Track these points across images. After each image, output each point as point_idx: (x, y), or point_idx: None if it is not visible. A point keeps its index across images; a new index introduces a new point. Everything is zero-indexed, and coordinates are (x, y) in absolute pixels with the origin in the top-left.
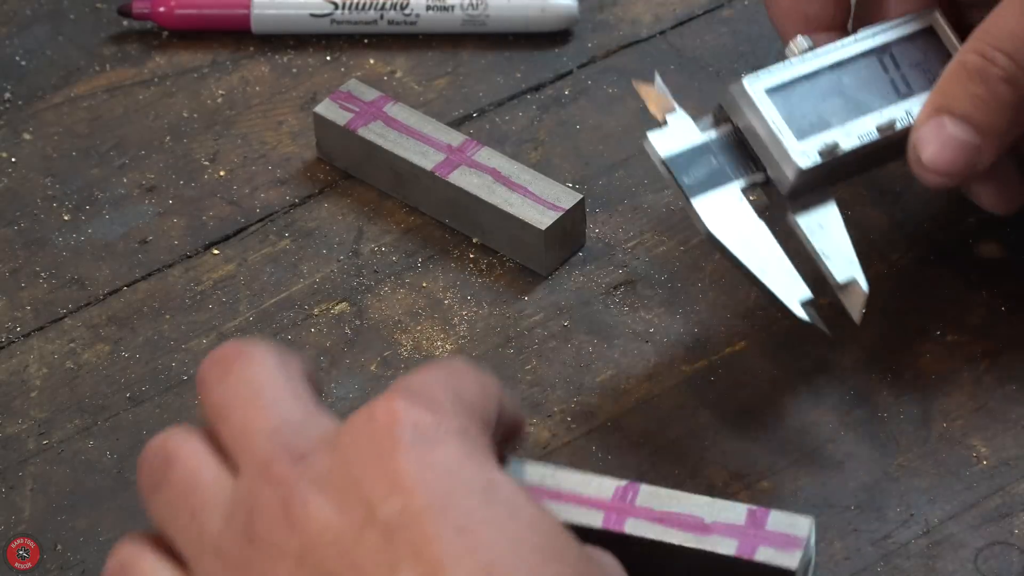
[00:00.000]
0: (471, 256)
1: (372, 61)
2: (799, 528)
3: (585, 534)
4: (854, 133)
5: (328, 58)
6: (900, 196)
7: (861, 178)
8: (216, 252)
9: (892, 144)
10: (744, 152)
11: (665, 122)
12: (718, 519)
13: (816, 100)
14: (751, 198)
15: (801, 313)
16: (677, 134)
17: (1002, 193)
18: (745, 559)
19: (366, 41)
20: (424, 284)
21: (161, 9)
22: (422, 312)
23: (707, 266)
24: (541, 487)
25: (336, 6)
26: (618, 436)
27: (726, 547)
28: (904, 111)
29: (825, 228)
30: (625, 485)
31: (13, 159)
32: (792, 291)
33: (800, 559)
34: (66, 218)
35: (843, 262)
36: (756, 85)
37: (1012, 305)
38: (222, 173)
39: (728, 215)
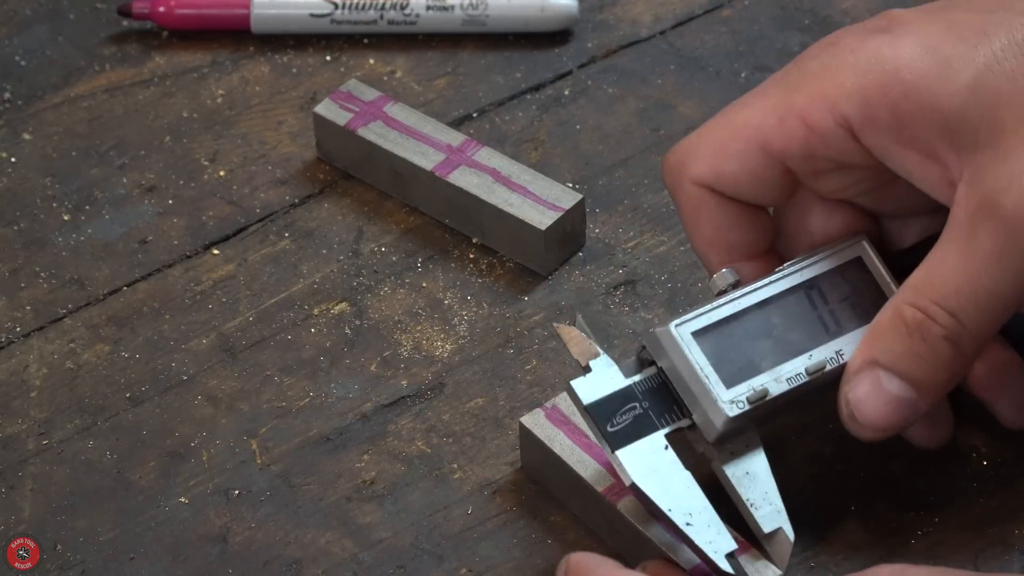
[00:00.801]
0: (471, 256)
1: (372, 61)
2: None
3: (586, 492)
4: (783, 377)
5: (328, 58)
6: None
7: None
8: (216, 252)
9: (822, 384)
10: (669, 395)
11: (588, 368)
12: None
13: (744, 343)
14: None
15: (726, 567)
16: (600, 380)
17: (931, 431)
18: None
19: (366, 41)
20: (424, 284)
21: (161, 9)
22: (422, 312)
23: None
24: (583, 431)
25: (336, 6)
26: None
27: (686, 560)
28: (834, 351)
29: (752, 475)
30: None
31: (13, 159)
32: (717, 544)
33: None
34: (66, 218)
35: (770, 512)
36: (683, 329)
37: None
38: (222, 173)
39: (652, 465)
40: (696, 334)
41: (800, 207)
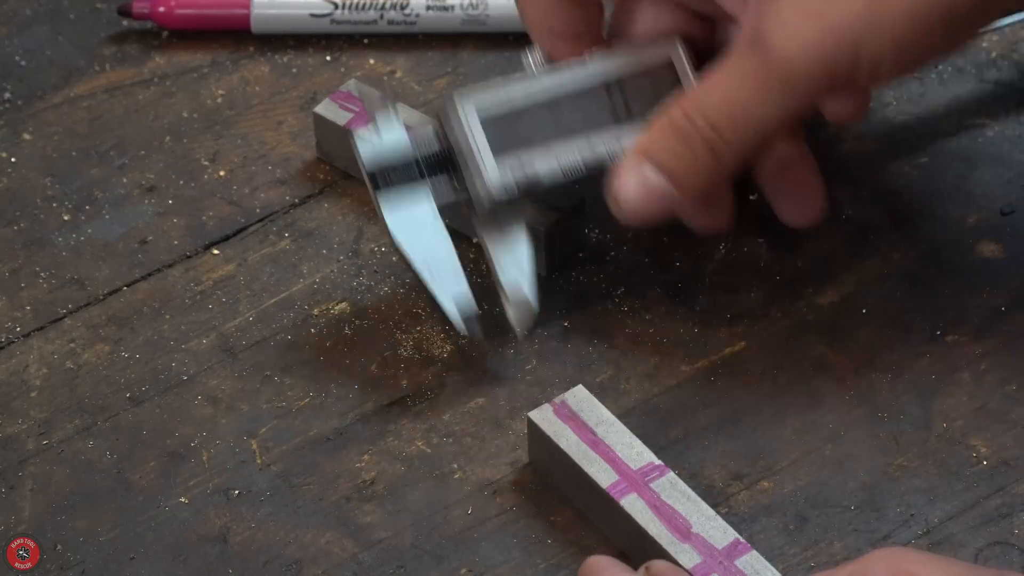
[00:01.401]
0: (471, 256)
1: (372, 61)
2: None
3: (591, 489)
4: (556, 158)
5: (328, 58)
6: (900, 196)
7: (862, 175)
8: (216, 252)
9: (597, 169)
10: (449, 164)
11: (377, 124)
12: (704, 532)
13: (527, 121)
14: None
15: (461, 326)
16: (387, 141)
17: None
18: None
19: (366, 41)
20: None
21: (161, 9)
22: (422, 312)
23: (707, 266)
24: (590, 427)
25: (336, 6)
26: None
27: (688, 560)
28: (616, 139)
29: (508, 243)
30: (658, 465)
31: (13, 159)
32: (458, 304)
33: None
34: (66, 218)
35: (516, 275)
36: (467, 102)
37: (1012, 305)
38: (222, 173)
39: (416, 224)
40: (481, 108)
41: (630, 5)
